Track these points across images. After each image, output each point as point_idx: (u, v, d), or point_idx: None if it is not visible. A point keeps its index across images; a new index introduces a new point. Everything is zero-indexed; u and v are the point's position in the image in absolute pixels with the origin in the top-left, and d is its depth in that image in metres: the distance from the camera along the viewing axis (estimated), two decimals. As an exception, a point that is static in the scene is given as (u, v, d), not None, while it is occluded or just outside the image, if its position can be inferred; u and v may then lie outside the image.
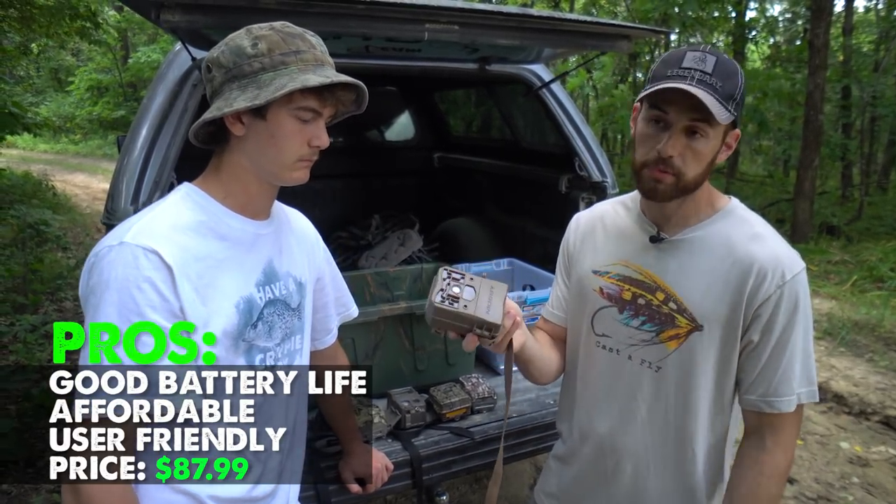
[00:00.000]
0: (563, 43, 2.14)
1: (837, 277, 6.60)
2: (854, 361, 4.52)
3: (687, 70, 1.08)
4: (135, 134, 2.09)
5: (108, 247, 1.00)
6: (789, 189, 10.08)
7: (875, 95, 9.62)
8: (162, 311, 0.99)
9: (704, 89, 1.05)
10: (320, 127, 1.10)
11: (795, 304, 1.13)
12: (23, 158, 17.01)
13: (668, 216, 1.23)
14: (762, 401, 1.17)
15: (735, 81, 1.09)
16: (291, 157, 1.09)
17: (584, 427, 1.37)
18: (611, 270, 1.30)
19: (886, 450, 3.40)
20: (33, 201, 8.88)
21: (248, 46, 1.05)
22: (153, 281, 0.98)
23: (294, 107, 1.05)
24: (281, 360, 1.22)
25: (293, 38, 1.07)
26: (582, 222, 1.43)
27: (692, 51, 1.11)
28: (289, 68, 1.04)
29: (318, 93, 1.06)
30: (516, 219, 3.53)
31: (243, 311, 1.11)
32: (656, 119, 1.12)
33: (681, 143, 1.09)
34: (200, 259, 1.05)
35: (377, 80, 4.20)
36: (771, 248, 1.15)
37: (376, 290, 2.60)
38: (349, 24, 1.76)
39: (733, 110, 1.08)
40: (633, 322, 1.26)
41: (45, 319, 4.70)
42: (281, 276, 1.22)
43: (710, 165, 1.14)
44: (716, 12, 10.31)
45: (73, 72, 23.93)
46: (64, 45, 13.28)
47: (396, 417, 1.96)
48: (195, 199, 1.12)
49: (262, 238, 1.19)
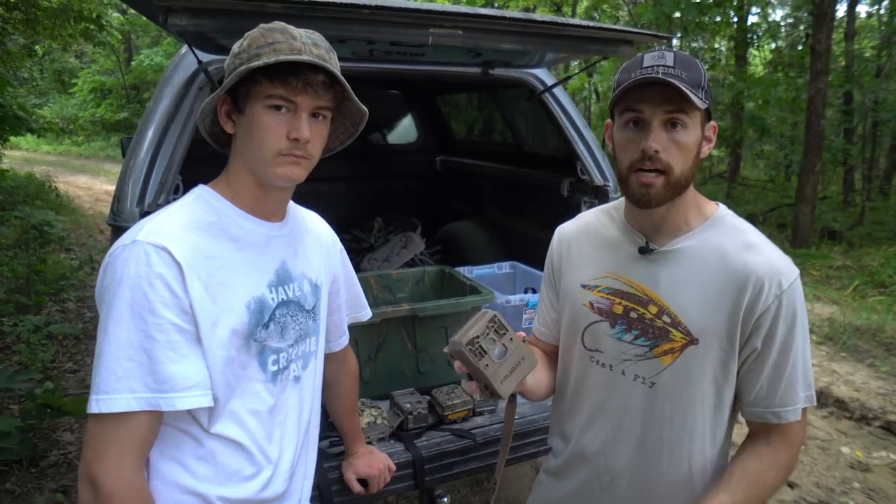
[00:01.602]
0: (565, 48, 2.15)
1: (839, 282, 6.60)
2: (855, 366, 4.52)
3: (649, 68, 1.08)
4: (141, 136, 2.10)
5: (122, 246, 1.03)
6: (791, 194, 10.07)
7: (877, 101, 9.62)
8: (172, 307, 1.01)
9: (672, 79, 1.05)
10: (299, 119, 1.08)
11: (794, 312, 1.12)
12: (26, 160, 17.08)
13: (656, 225, 1.20)
14: (769, 412, 1.16)
15: (697, 70, 1.09)
16: (270, 151, 1.08)
17: (577, 443, 1.35)
18: (600, 284, 1.27)
19: (887, 455, 3.40)
20: (36, 202, 8.92)
21: (235, 47, 1.10)
22: (164, 277, 1.00)
23: (263, 96, 1.06)
24: (295, 361, 1.23)
25: (272, 32, 1.08)
26: (565, 235, 1.39)
27: (649, 52, 1.11)
28: (261, 58, 1.04)
29: (284, 80, 1.04)
30: (518, 222, 3.54)
31: (254, 312, 1.12)
32: (634, 121, 1.11)
33: (663, 137, 1.08)
34: (211, 258, 1.07)
35: (381, 83, 4.22)
36: (766, 257, 1.13)
37: (379, 292, 2.62)
38: (354, 28, 1.77)
39: (704, 98, 1.08)
40: (625, 336, 1.23)
41: (47, 320, 4.73)
42: (295, 278, 1.23)
43: (696, 160, 1.13)
44: (717, 17, 10.33)
45: (76, 74, 24.01)
46: (68, 48, 13.31)
47: (399, 419, 1.97)
48: (208, 200, 1.14)
49: (276, 240, 1.20)
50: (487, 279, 2.80)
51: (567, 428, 1.39)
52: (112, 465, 0.99)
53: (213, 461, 1.11)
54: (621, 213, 1.28)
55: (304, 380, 1.27)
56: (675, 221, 1.19)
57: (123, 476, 1.00)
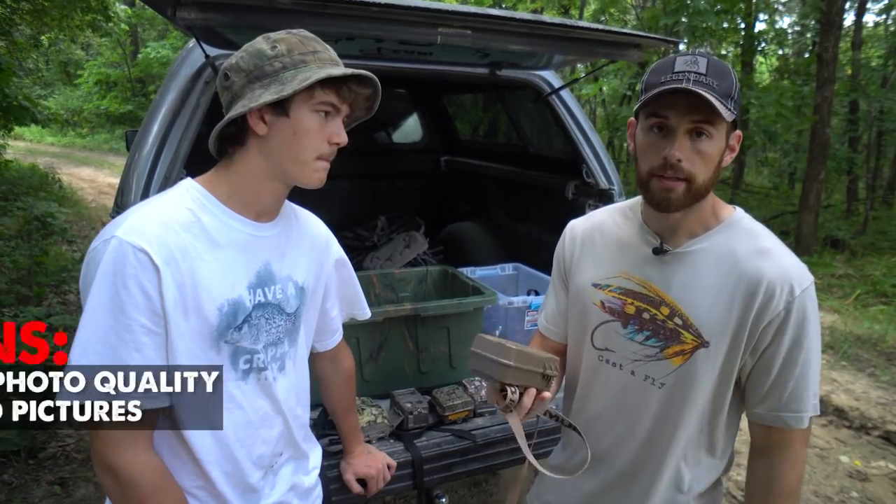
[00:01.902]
0: (574, 50, 2.14)
1: (840, 291, 6.59)
2: (856, 376, 4.51)
3: (681, 73, 1.06)
4: (146, 129, 2.10)
5: (104, 241, 1.03)
6: (794, 201, 10.06)
7: (882, 110, 9.62)
8: (144, 309, 1.02)
9: (702, 89, 1.03)
10: (339, 124, 1.14)
11: (805, 318, 1.11)
12: (30, 151, 17.09)
13: (672, 227, 1.19)
14: (770, 415, 1.15)
15: (730, 80, 1.07)
16: (312, 154, 1.12)
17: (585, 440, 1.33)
18: (612, 283, 1.26)
19: (886, 465, 3.39)
20: (40, 194, 8.92)
21: (267, 49, 1.09)
22: (139, 279, 1.01)
23: (315, 102, 1.09)
24: (270, 364, 1.21)
25: (309, 41, 1.11)
26: (578, 231, 1.38)
27: (682, 55, 1.08)
28: (308, 66, 1.08)
29: (337, 88, 1.11)
30: (522, 224, 3.54)
31: (226, 314, 1.11)
32: (658, 126, 1.09)
33: (686, 146, 1.07)
34: (189, 258, 1.06)
35: (388, 82, 4.19)
36: (779, 262, 1.13)
37: (381, 291, 2.61)
38: (363, 25, 1.77)
39: (733, 108, 1.07)
40: (637, 337, 1.23)
41: (49, 311, 4.72)
42: (279, 280, 1.21)
43: (717, 168, 1.11)
44: (725, 23, 10.32)
45: (82, 65, 23.98)
46: (74, 39, 13.33)
47: (399, 418, 1.97)
48: (194, 197, 1.13)
49: (260, 240, 1.19)
50: (490, 280, 2.79)
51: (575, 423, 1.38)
52: (128, 450, 1.03)
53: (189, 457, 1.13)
54: (637, 213, 1.27)
55: (279, 381, 1.24)
56: (691, 225, 1.18)
57: (139, 458, 1.04)
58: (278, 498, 1.29)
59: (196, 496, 1.15)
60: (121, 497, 1.05)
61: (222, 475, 1.16)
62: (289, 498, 1.32)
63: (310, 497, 1.40)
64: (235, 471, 1.18)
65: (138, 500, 1.04)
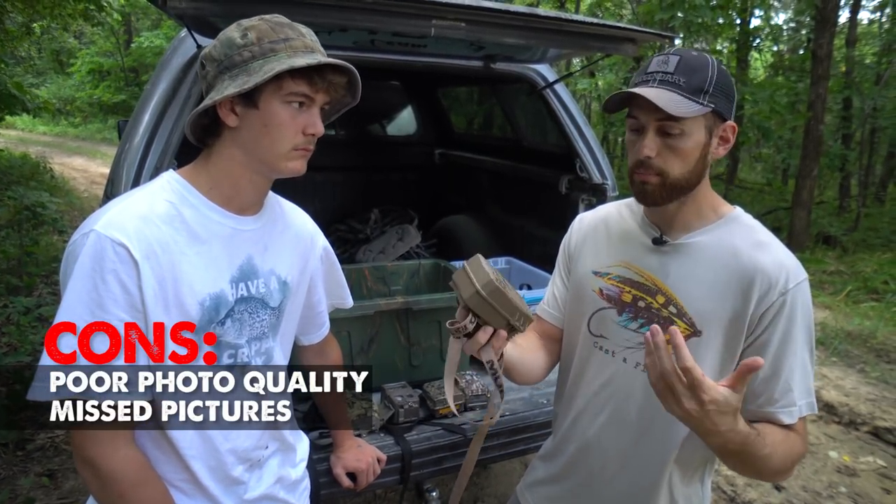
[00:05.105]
0: (569, 44, 2.14)
1: (832, 287, 6.63)
2: (846, 372, 4.55)
3: (651, 74, 1.12)
4: (137, 119, 2.08)
5: (82, 235, 1.01)
6: (787, 198, 10.10)
7: (876, 107, 9.65)
8: (123, 304, 1.00)
9: (665, 88, 1.08)
10: (314, 114, 1.10)
11: (796, 311, 1.12)
12: (21, 140, 16.97)
13: (669, 220, 1.22)
14: (762, 410, 1.15)
15: (703, 74, 1.10)
16: (286, 146, 1.09)
17: (573, 426, 1.37)
18: (611, 272, 1.30)
19: (874, 460, 3.42)
20: (31, 183, 8.84)
21: (237, 37, 1.06)
22: (118, 273, 0.99)
23: (285, 93, 1.06)
24: (254, 358, 1.20)
25: (282, 27, 1.07)
26: (585, 222, 1.43)
27: (658, 55, 1.14)
28: (278, 55, 1.04)
29: (308, 77, 1.06)
30: (515, 218, 3.54)
31: (208, 308, 1.10)
32: (633, 127, 1.15)
33: (656, 143, 1.11)
34: (169, 252, 1.05)
35: (381, 74, 4.19)
36: (775, 256, 1.15)
37: (373, 284, 2.60)
38: (356, 17, 1.75)
39: (706, 102, 1.09)
40: (631, 325, 1.25)
41: (39, 302, 4.69)
42: (261, 274, 1.20)
43: (700, 162, 1.14)
44: (720, 19, 10.32)
45: (74, 54, 23.81)
46: (67, 27, 13.20)
47: (390, 412, 1.97)
48: (175, 189, 1.11)
49: (243, 234, 1.17)
50: (483, 274, 2.78)
51: (567, 410, 1.40)
52: (108, 445, 1.01)
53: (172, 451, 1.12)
54: (641, 207, 1.31)
55: (263, 375, 1.22)
56: (685, 218, 1.21)
57: (119, 453, 1.02)
58: (265, 490, 1.28)
59: (180, 489, 1.14)
60: (100, 491, 1.05)
61: (206, 469, 1.15)
62: (275, 490, 1.31)
63: (297, 489, 1.39)
64: (220, 465, 1.17)
65: (118, 493, 1.03)
